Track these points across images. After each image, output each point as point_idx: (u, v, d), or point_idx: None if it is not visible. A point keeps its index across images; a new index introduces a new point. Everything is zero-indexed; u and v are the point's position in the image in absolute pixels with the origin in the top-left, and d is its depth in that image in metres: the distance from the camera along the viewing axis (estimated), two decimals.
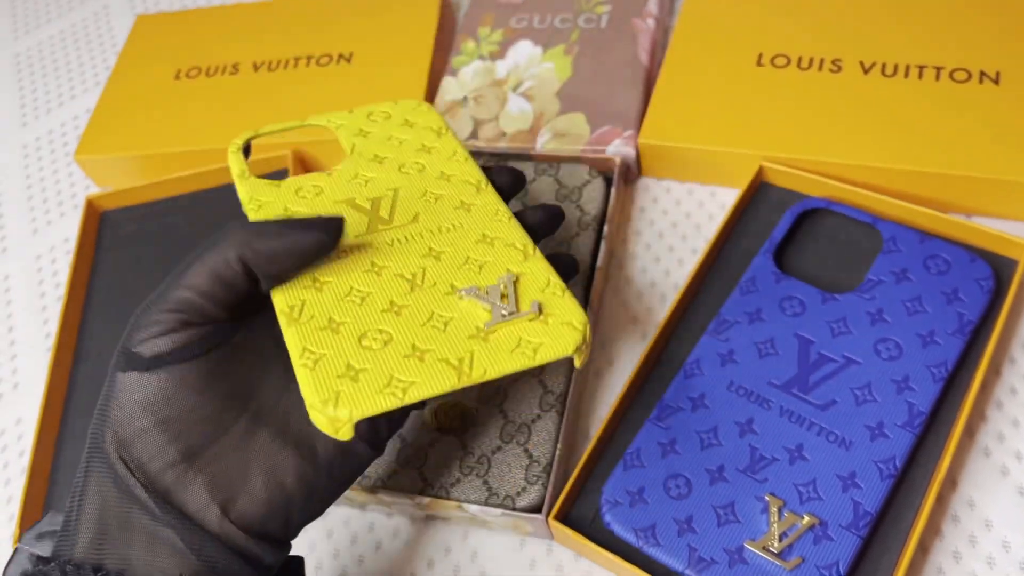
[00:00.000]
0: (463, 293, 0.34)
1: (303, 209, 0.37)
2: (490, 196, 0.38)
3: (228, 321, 0.31)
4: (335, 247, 0.33)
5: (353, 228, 0.36)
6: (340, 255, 0.35)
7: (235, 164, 0.40)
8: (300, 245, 0.32)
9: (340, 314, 0.33)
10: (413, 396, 0.30)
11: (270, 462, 0.30)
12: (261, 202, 0.38)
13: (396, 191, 0.38)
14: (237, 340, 0.31)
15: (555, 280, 0.34)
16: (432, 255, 0.35)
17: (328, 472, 0.31)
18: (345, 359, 0.31)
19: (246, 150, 0.41)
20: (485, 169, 0.40)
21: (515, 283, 0.34)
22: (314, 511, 0.32)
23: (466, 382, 0.31)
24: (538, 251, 0.36)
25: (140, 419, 0.29)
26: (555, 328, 0.33)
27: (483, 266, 0.35)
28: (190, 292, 0.30)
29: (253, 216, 0.36)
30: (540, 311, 0.33)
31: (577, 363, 0.32)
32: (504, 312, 0.33)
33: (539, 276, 0.35)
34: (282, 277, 0.32)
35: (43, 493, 0.45)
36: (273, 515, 0.30)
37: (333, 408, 0.30)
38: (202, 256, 0.31)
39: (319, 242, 0.32)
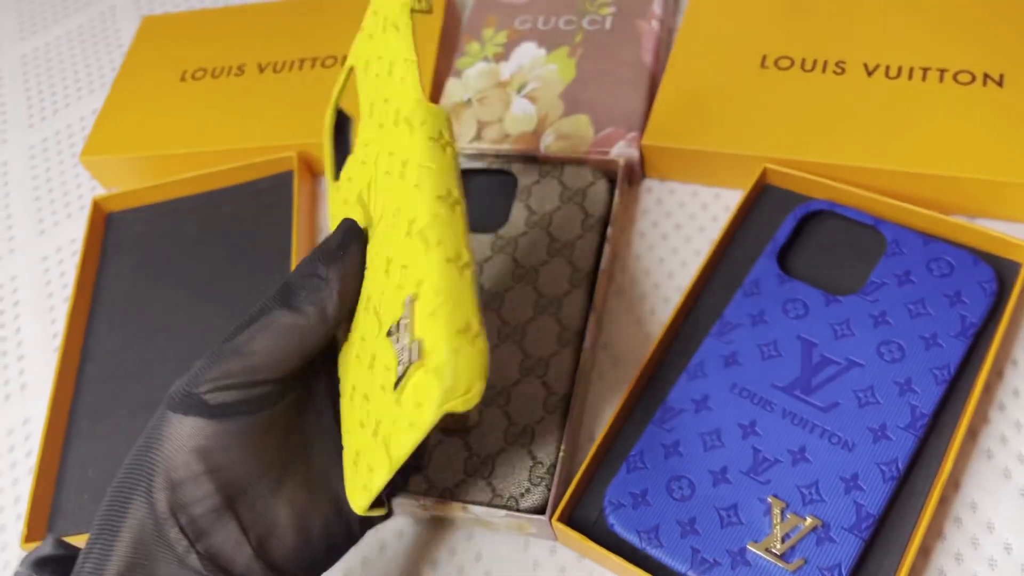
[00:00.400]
0: (388, 335, 0.28)
1: (341, 213, 0.37)
2: (417, 139, 0.30)
3: (294, 379, 0.32)
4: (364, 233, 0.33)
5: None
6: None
7: (327, 163, 0.39)
8: (350, 268, 0.32)
9: (355, 379, 0.32)
10: (374, 490, 0.29)
11: (301, 509, 0.31)
12: (332, 214, 0.37)
13: (376, 162, 0.33)
14: (292, 396, 0.32)
15: (441, 284, 0.26)
16: (386, 269, 0.30)
17: (348, 525, 0.32)
18: (355, 446, 0.31)
19: (342, 127, 0.37)
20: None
21: (415, 302, 0.27)
22: (332, 559, 0.33)
23: (394, 468, 0.27)
24: (436, 230, 0.27)
25: (194, 464, 0.29)
26: (425, 379, 0.25)
27: (407, 275, 0.28)
28: (272, 359, 0.30)
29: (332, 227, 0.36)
30: (420, 353, 0.26)
31: (459, 410, 0.25)
32: (403, 361, 0.27)
33: (431, 280, 0.26)
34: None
35: (50, 493, 0.45)
36: (299, 559, 0.31)
37: (353, 505, 0.31)
38: (290, 318, 0.31)
39: (359, 252, 0.33)
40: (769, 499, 0.37)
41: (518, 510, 0.39)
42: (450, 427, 0.41)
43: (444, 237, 0.27)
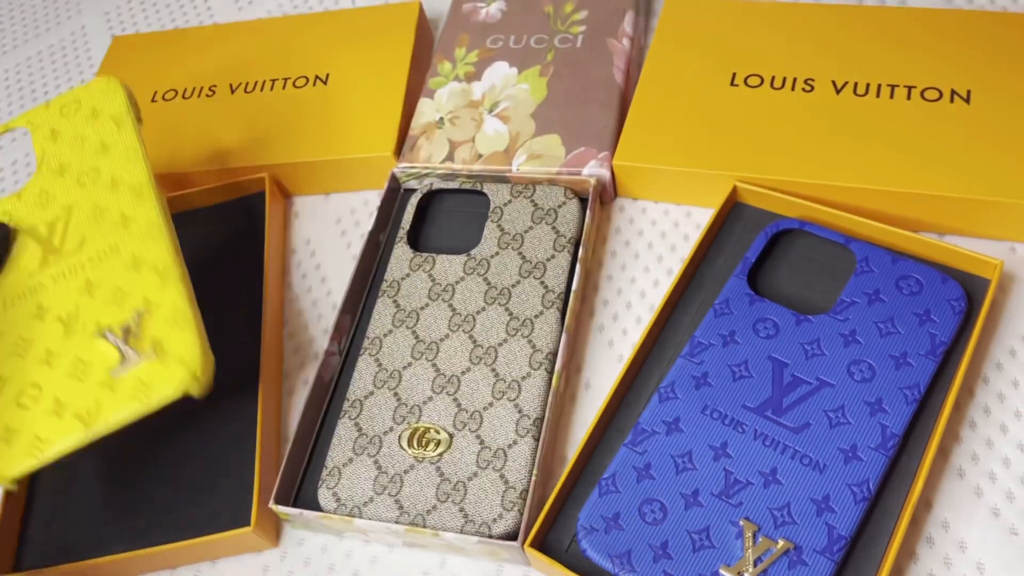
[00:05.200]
0: (100, 335, 0.39)
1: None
2: (149, 205, 0.42)
3: None
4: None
5: (27, 265, 0.42)
6: (15, 301, 0.41)
7: None
8: None
9: (7, 368, 0.39)
10: (49, 456, 0.37)
11: None
12: None
13: (71, 210, 0.42)
14: None
15: (183, 306, 0.39)
16: (87, 290, 0.40)
17: None
18: (4, 420, 0.38)
19: None
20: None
21: (143, 316, 0.39)
22: None
23: (92, 436, 0.37)
24: (175, 271, 0.40)
25: None
26: (169, 367, 0.37)
27: (126, 298, 0.39)
28: None
29: None
30: (157, 351, 0.38)
31: (195, 394, 0.37)
32: (129, 356, 0.38)
33: (169, 302, 0.39)
34: None
35: (18, 525, 0.44)
36: None
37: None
38: None
39: None
40: (741, 522, 0.36)
41: (490, 536, 0.39)
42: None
43: (181, 275, 0.40)
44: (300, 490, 0.43)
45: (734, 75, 0.50)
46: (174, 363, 0.37)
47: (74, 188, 0.43)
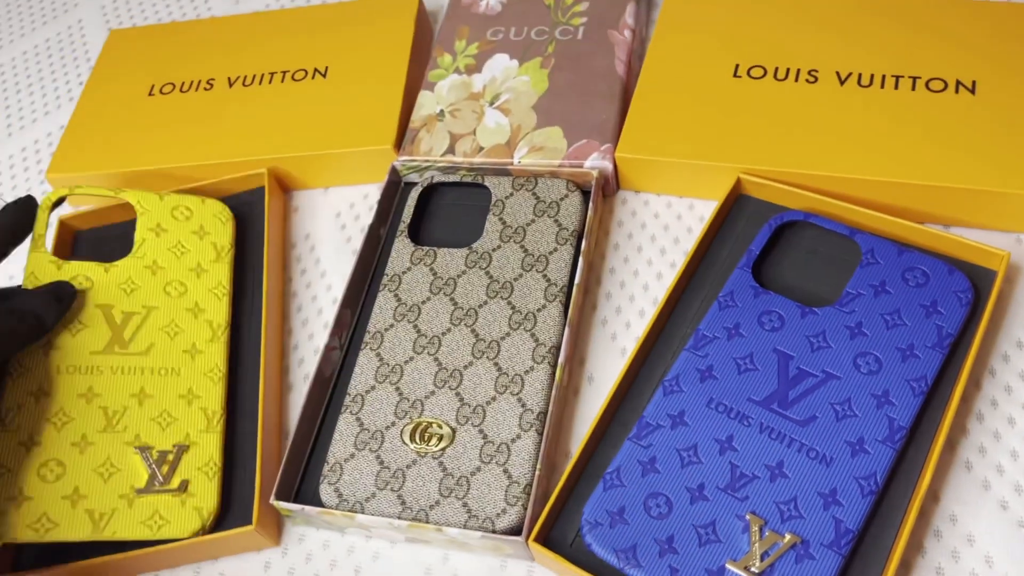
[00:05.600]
0: (137, 450, 0.41)
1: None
2: (219, 349, 0.45)
3: None
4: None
5: (93, 343, 0.43)
6: (70, 370, 0.42)
7: (40, 224, 0.45)
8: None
9: (40, 434, 0.40)
10: (49, 539, 0.39)
11: None
12: (37, 280, 0.44)
13: (149, 312, 0.44)
14: None
15: (217, 459, 0.42)
16: (139, 397, 0.42)
17: None
18: (20, 483, 0.39)
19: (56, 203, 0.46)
20: None
21: (184, 453, 0.41)
22: None
23: (97, 537, 0.39)
24: (221, 421, 0.43)
25: None
26: (187, 511, 0.40)
27: (170, 425, 0.42)
28: None
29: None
30: (185, 489, 0.41)
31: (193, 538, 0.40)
32: (157, 483, 0.40)
33: (207, 450, 0.42)
34: None
35: None
36: None
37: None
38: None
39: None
40: (747, 516, 0.36)
41: (494, 531, 0.38)
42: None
43: (224, 427, 0.43)
44: (301, 486, 0.43)
45: (737, 66, 0.50)
46: (192, 510, 0.40)
47: (159, 293, 0.45)
